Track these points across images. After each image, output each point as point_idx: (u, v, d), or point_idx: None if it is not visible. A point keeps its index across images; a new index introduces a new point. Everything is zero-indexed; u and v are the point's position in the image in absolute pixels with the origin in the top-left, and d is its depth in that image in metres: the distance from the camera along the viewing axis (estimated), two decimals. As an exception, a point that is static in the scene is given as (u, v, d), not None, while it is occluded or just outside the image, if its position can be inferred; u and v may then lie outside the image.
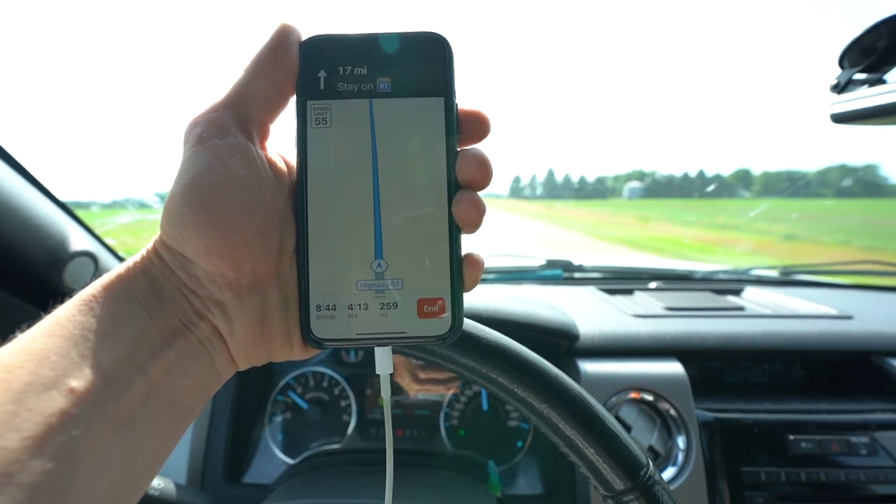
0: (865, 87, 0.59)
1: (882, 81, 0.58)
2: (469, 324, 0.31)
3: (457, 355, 0.31)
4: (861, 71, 0.61)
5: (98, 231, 0.80)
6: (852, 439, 0.68)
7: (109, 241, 0.82)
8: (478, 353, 0.31)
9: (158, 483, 0.59)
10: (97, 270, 0.73)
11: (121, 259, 0.84)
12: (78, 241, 0.71)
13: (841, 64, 0.62)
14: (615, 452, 0.30)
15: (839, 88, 0.62)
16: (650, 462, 0.31)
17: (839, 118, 0.62)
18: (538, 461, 0.82)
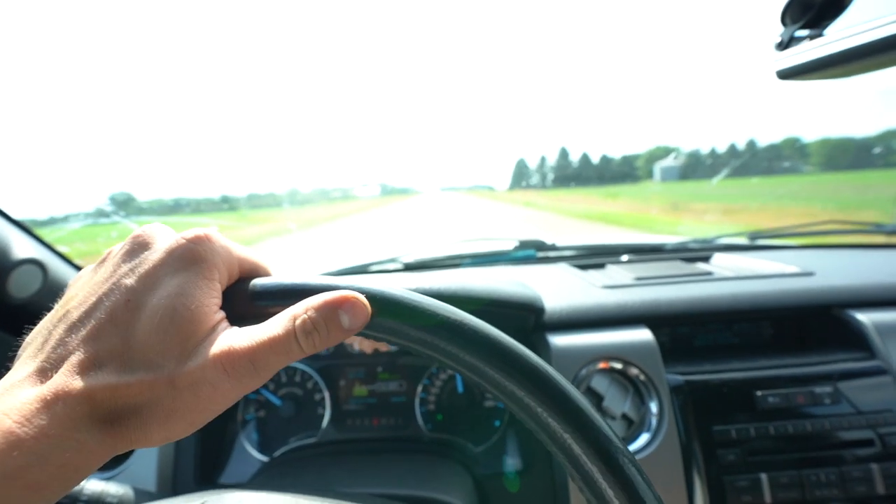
0: (807, 41, 0.60)
1: (821, 35, 0.59)
2: (503, 338, 0.29)
3: (488, 369, 0.28)
4: (802, 27, 0.61)
5: (48, 238, 0.77)
6: (816, 390, 0.69)
7: (62, 248, 0.79)
8: (509, 372, 0.28)
9: (116, 490, 0.57)
10: (46, 278, 0.71)
11: (75, 266, 0.81)
12: (21, 248, 0.68)
13: (783, 21, 0.63)
14: (636, 499, 0.27)
15: (783, 45, 0.63)
16: None
17: (784, 74, 0.62)
18: (517, 438, 0.82)
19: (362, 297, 0.28)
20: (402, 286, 0.30)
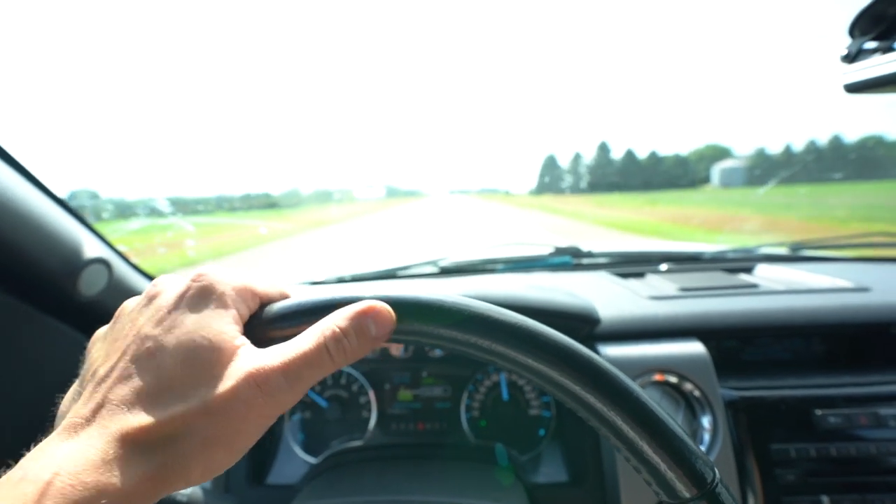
0: (878, 55, 0.59)
1: (893, 49, 0.58)
2: (529, 322, 0.29)
3: (519, 355, 0.29)
4: (872, 39, 0.60)
5: (109, 238, 0.79)
6: (881, 411, 0.67)
7: (121, 247, 0.82)
8: (540, 355, 0.29)
9: (185, 490, 0.59)
10: (111, 277, 0.73)
11: (133, 265, 0.83)
12: (91, 248, 0.70)
13: (851, 33, 0.62)
14: (682, 459, 0.28)
15: (850, 58, 0.62)
16: (716, 470, 0.29)
17: (852, 88, 0.61)
18: (562, 449, 0.81)
19: (386, 306, 0.28)
20: (454, 294, 0.30)
